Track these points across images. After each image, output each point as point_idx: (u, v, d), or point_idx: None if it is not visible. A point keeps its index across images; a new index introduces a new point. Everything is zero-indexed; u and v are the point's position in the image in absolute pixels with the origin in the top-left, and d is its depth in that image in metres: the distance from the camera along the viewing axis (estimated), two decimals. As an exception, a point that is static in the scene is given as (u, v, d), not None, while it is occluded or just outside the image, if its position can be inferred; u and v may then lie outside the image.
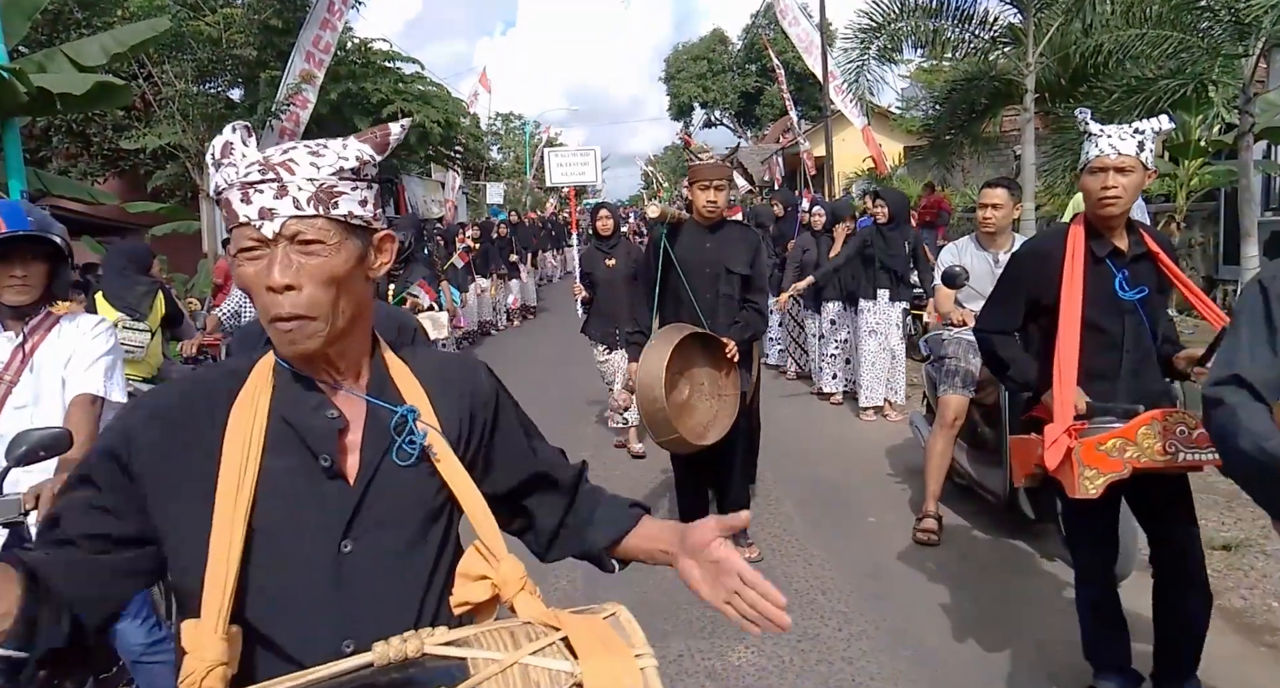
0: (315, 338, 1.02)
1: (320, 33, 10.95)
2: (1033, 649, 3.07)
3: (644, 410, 3.40)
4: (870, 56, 8.97)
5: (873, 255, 6.28)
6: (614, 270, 5.66)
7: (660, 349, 3.37)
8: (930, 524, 4.12)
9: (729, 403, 3.68)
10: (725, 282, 3.72)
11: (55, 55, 6.70)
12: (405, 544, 1.08)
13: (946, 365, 4.24)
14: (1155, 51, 6.77)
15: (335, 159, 1.03)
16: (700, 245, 3.73)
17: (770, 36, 24.16)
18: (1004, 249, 4.09)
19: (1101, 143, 2.38)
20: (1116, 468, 2.27)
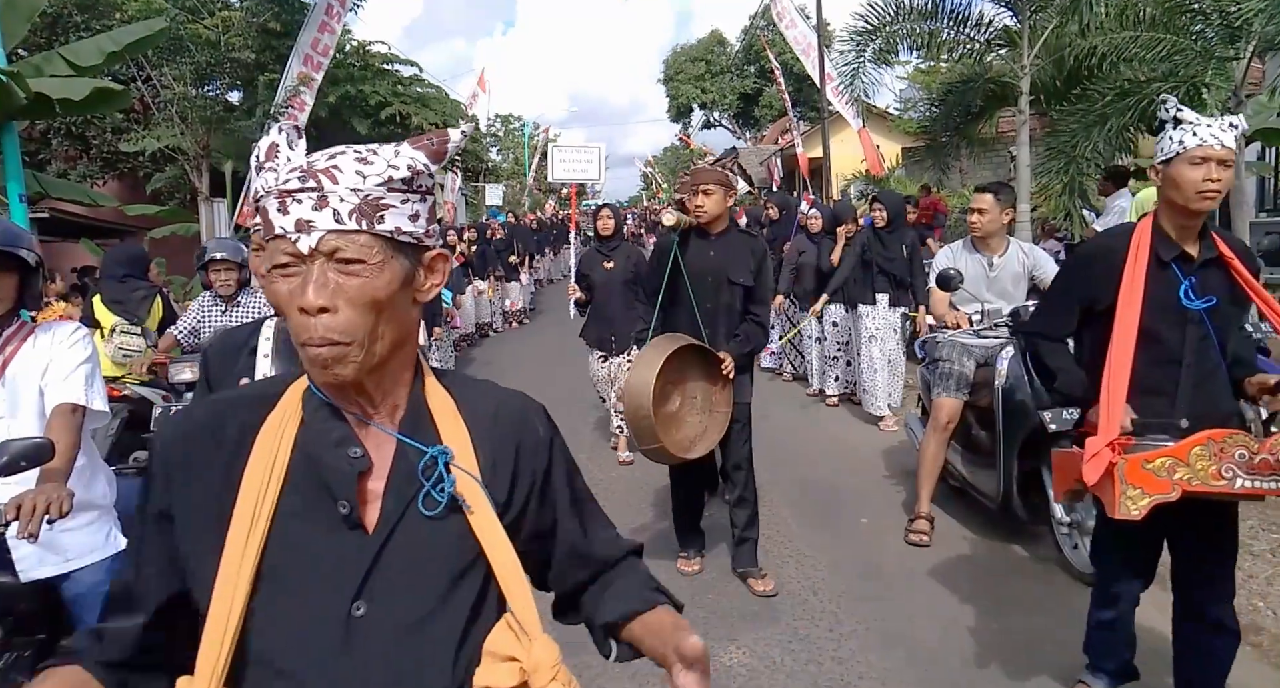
0: (349, 365, 0.91)
1: (318, 35, 10.97)
2: (1023, 650, 3.10)
3: (630, 417, 3.36)
4: (866, 59, 8.99)
5: (870, 259, 6.21)
6: (612, 273, 5.51)
7: (653, 357, 3.33)
8: (922, 526, 4.14)
9: (719, 419, 3.63)
10: (727, 291, 3.63)
11: (53, 58, 6.71)
12: (427, 610, 0.94)
13: (940, 368, 4.23)
14: (1149, 54, 6.79)
15: (384, 168, 0.92)
16: (704, 253, 3.66)
17: (769, 38, 24.20)
18: (998, 253, 4.11)
19: (1202, 132, 2.18)
20: (1164, 489, 2.06)
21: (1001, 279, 4.09)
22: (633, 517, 4.74)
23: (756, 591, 3.63)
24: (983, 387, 4.10)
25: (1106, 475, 2.10)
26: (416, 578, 0.94)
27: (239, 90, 12.13)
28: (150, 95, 10.03)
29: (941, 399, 4.18)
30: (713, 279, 3.63)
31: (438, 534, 0.96)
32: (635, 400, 3.30)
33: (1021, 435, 3.75)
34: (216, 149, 10.53)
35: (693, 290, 3.61)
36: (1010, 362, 3.90)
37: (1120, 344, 2.21)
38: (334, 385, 0.95)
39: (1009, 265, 4.09)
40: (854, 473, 5.32)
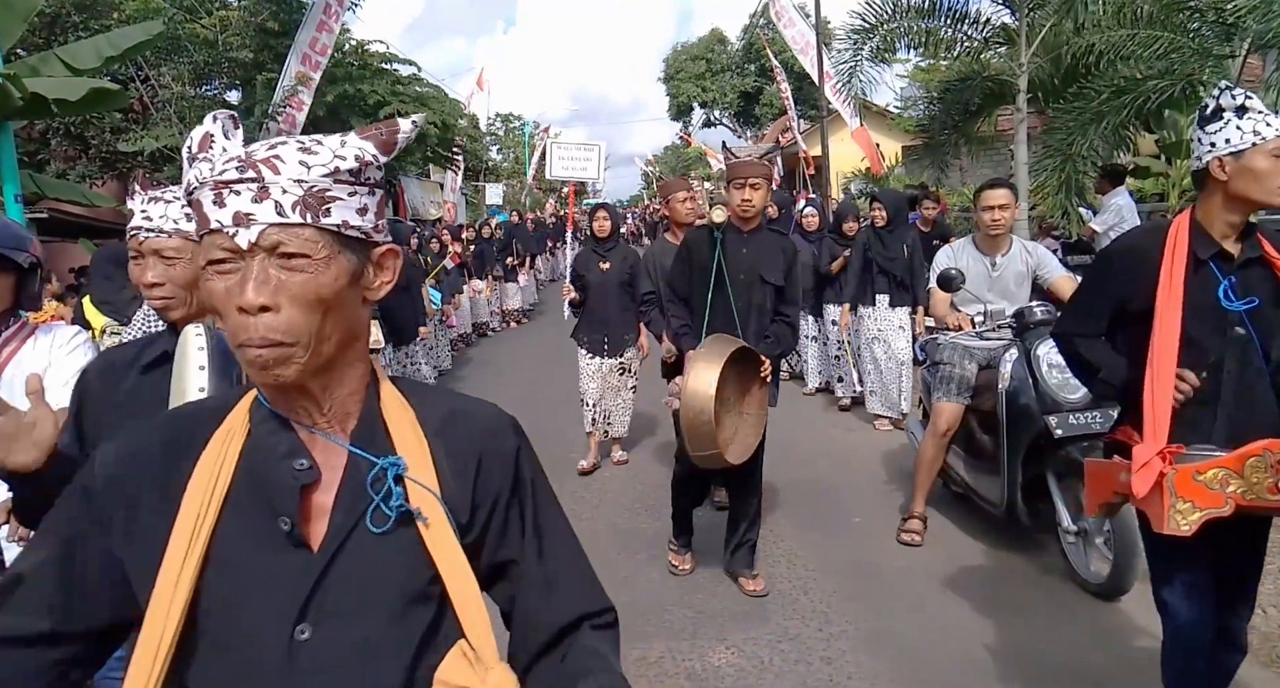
0: (292, 366, 0.85)
1: (316, 35, 10.97)
2: (1014, 650, 3.10)
3: (687, 420, 3.20)
4: (863, 57, 8.98)
5: (871, 259, 6.15)
6: (607, 274, 5.42)
7: (713, 358, 3.21)
8: (915, 525, 4.13)
9: (750, 423, 3.50)
10: (759, 291, 3.55)
11: (49, 58, 6.71)
12: (377, 633, 0.88)
13: (941, 371, 4.13)
14: (1146, 52, 6.78)
15: (330, 158, 0.87)
16: (737, 251, 3.55)
17: (769, 36, 24.17)
18: (1001, 252, 3.99)
19: (1276, 123, 2.04)
20: (1216, 503, 1.93)
21: (1004, 279, 3.99)
22: (625, 516, 4.77)
23: (747, 590, 3.63)
24: (985, 390, 4.00)
25: (1155, 488, 1.97)
26: (365, 600, 0.88)
27: (237, 90, 12.12)
28: (148, 95, 10.03)
29: (941, 404, 4.10)
30: (745, 278, 3.54)
31: (389, 553, 0.90)
32: (696, 402, 3.15)
33: (1026, 441, 3.66)
34: (215, 149, 10.52)
35: (728, 289, 3.53)
36: (1014, 364, 3.77)
37: (1163, 348, 2.07)
38: (277, 389, 0.89)
39: (1012, 265, 3.99)
40: (849, 473, 5.31)
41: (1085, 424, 3.45)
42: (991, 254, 4.00)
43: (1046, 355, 3.60)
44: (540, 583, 1.01)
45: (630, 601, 3.66)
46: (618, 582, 3.87)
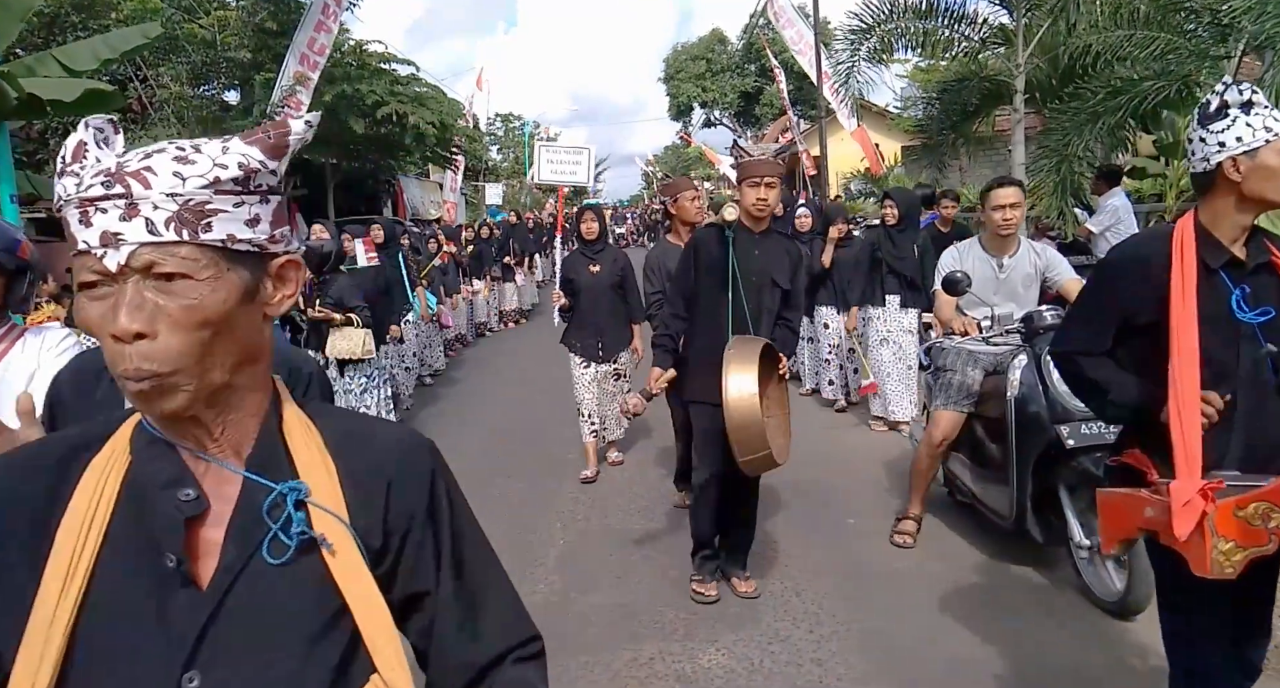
0: (178, 396, 0.79)
1: (315, 35, 10.97)
2: (1004, 652, 3.10)
3: (734, 424, 3.09)
4: (860, 58, 8.98)
5: (880, 259, 5.94)
6: (598, 277, 5.26)
7: (746, 359, 3.14)
8: (908, 526, 4.12)
9: (779, 422, 3.42)
10: (769, 294, 3.49)
11: (46, 59, 6.72)
12: (278, 676, 0.80)
13: (943, 377, 3.97)
14: (1143, 52, 6.78)
15: (210, 167, 0.80)
16: (749, 252, 3.46)
17: (769, 36, 24.17)
18: (1008, 253, 3.84)
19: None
20: (1259, 541, 1.74)
21: (1012, 281, 3.84)
22: (619, 516, 4.77)
23: (739, 592, 3.63)
24: (991, 397, 3.84)
25: (1196, 528, 1.77)
26: (264, 640, 0.80)
27: (235, 90, 12.14)
28: (147, 95, 10.05)
29: (939, 411, 3.95)
30: (757, 280, 3.45)
31: (290, 587, 0.82)
32: (743, 405, 3.07)
33: (1036, 451, 3.48)
34: (213, 149, 10.55)
35: (731, 293, 3.42)
36: (1023, 371, 3.58)
37: (1184, 368, 1.89)
38: (164, 419, 0.82)
39: (1020, 266, 3.83)
40: (842, 474, 5.31)
41: (1098, 434, 3.26)
42: (999, 255, 3.84)
43: None
44: (458, 617, 0.93)
45: (621, 601, 3.67)
46: (610, 582, 3.88)
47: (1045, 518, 3.57)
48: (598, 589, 3.81)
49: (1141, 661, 2.98)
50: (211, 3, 11.35)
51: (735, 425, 3.09)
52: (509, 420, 7.17)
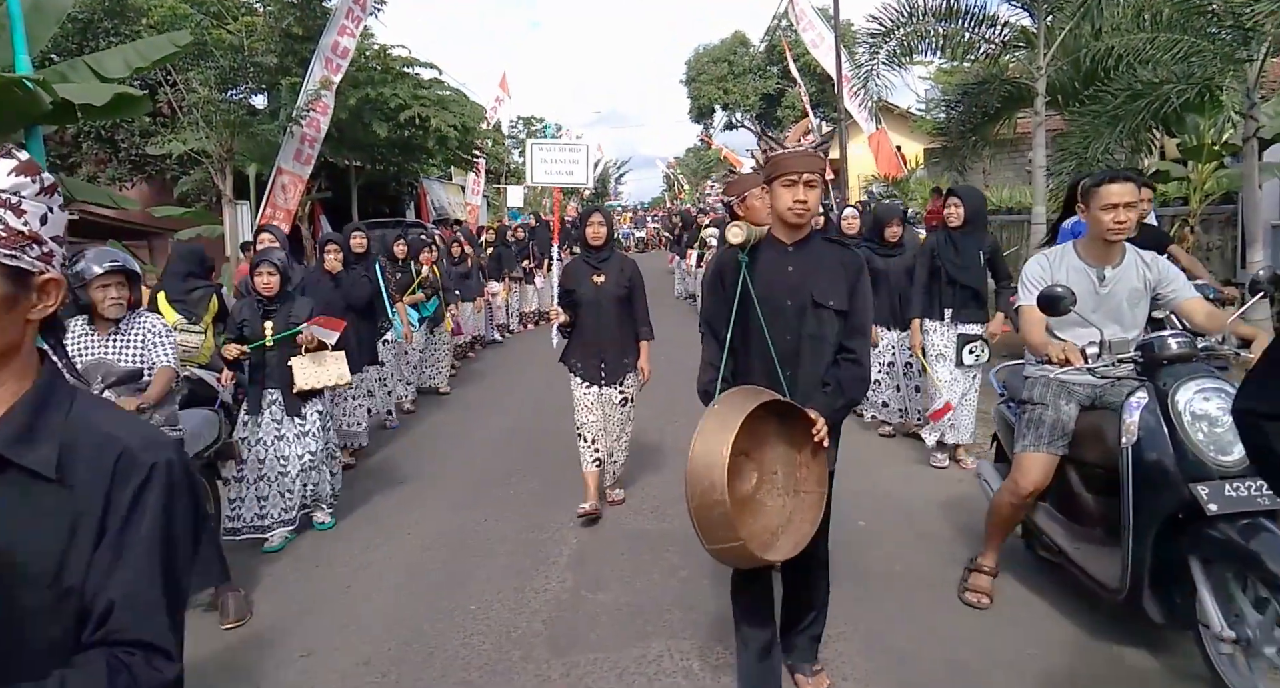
0: None
1: (338, 38, 11.14)
2: (1009, 655, 3.10)
3: (694, 504, 2.33)
4: (880, 61, 8.97)
5: (940, 267, 5.25)
6: (602, 289, 4.63)
7: (725, 420, 2.33)
8: (982, 583, 3.48)
9: (810, 503, 2.59)
10: (812, 319, 2.68)
11: (78, 65, 6.91)
12: None
13: (1031, 413, 3.28)
14: (1165, 55, 6.72)
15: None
16: (779, 269, 2.71)
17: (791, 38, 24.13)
18: (1113, 263, 3.15)
19: None
20: None
21: (1115, 297, 3.15)
22: (630, 517, 4.81)
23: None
24: (1089, 438, 3.18)
25: None
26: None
27: (262, 94, 12.33)
28: (176, 99, 10.24)
29: (1029, 455, 3.23)
30: (792, 303, 2.69)
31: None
32: (702, 479, 2.29)
33: (1162, 513, 2.80)
34: (240, 152, 10.74)
35: (765, 320, 2.64)
36: (1142, 412, 2.89)
37: None
38: None
39: (1124, 279, 3.15)
40: (851, 477, 5.29)
41: (1248, 497, 2.64)
42: (1099, 265, 3.15)
43: (1190, 403, 2.78)
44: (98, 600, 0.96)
45: (630, 600, 3.72)
46: (620, 581, 3.92)
47: (1167, 595, 2.86)
48: (608, 588, 3.86)
49: (1151, 667, 2.98)
50: (239, 8, 11.55)
51: (693, 505, 2.33)
52: (525, 420, 7.24)
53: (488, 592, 3.86)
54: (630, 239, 32.63)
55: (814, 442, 2.52)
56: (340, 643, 3.44)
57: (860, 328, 2.74)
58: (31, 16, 6.21)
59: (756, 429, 2.45)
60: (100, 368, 3.39)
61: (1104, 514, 3.13)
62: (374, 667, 3.24)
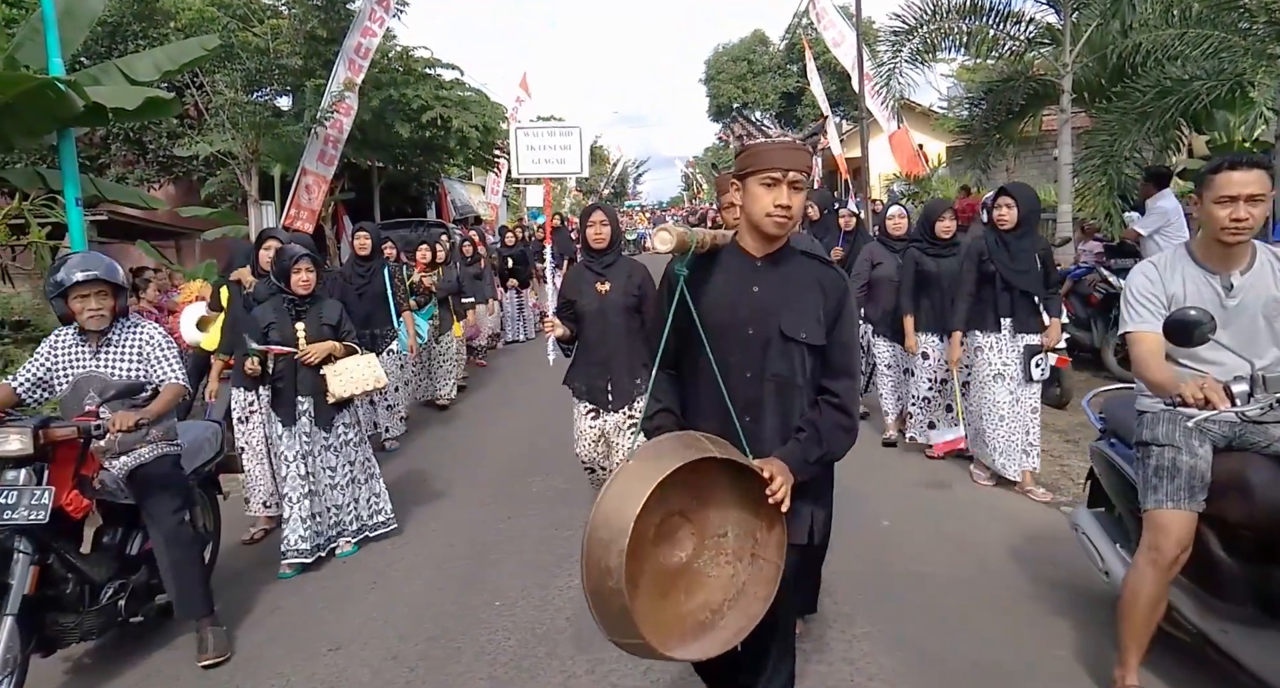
0: None
1: (360, 40, 11.26)
2: (1037, 655, 3.08)
3: (587, 586, 1.78)
4: (903, 59, 8.93)
5: (992, 273, 4.71)
6: (607, 299, 4.03)
7: (639, 479, 1.76)
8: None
9: (764, 574, 1.99)
10: (779, 356, 2.11)
11: (110, 69, 7.03)
12: None
13: (1159, 458, 2.56)
14: (1195, 51, 6.64)
15: None
16: (742, 288, 2.13)
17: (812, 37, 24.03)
18: (1241, 268, 2.52)
19: None
20: None
21: (1247, 311, 2.51)
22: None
23: None
24: (1232, 489, 2.49)
25: None
26: None
27: (287, 96, 12.49)
28: (203, 101, 10.39)
29: (1167, 512, 2.50)
30: (755, 333, 2.10)
31: None
32: (600, 559, 1.73)
33: None
34: (265, 153, 10.87)
35: (721, 353, 2.07)
36: None
37: None
38: None
39: (1258, 287, 2.51)
40: (876, 477, 5.27)
41: None
42: (1224, 271, 2.52)
43: None
44: None
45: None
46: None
47: None
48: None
49: (1182, 669, 2.95)
50: (265, 11, 11.70)
51: (587, 581, 1.79)
52: (546, 419, 7.26)
53: (511, 589, 3.88)
54: (649, 240, 32.39)
55: (765, 505, 1.91)
56: (368, 638, 3.48)
57: (845, 368, 2.16)
58: (64, 21, 6.33)
59: (699, 483, 1.90)
60: (93, 382, 3.23)
61: (1259, 587, 2.47)
62: (401, 661, 3.28)
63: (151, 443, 3.44)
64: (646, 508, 1.72)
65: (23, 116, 6.03)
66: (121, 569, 3.31)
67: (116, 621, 3.21)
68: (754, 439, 2.08)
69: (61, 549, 3.03)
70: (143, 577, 3.37)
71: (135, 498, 3.35)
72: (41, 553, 2.92)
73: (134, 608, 3.30)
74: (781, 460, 2.01)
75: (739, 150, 2.14)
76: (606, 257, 4.14)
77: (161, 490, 3.37)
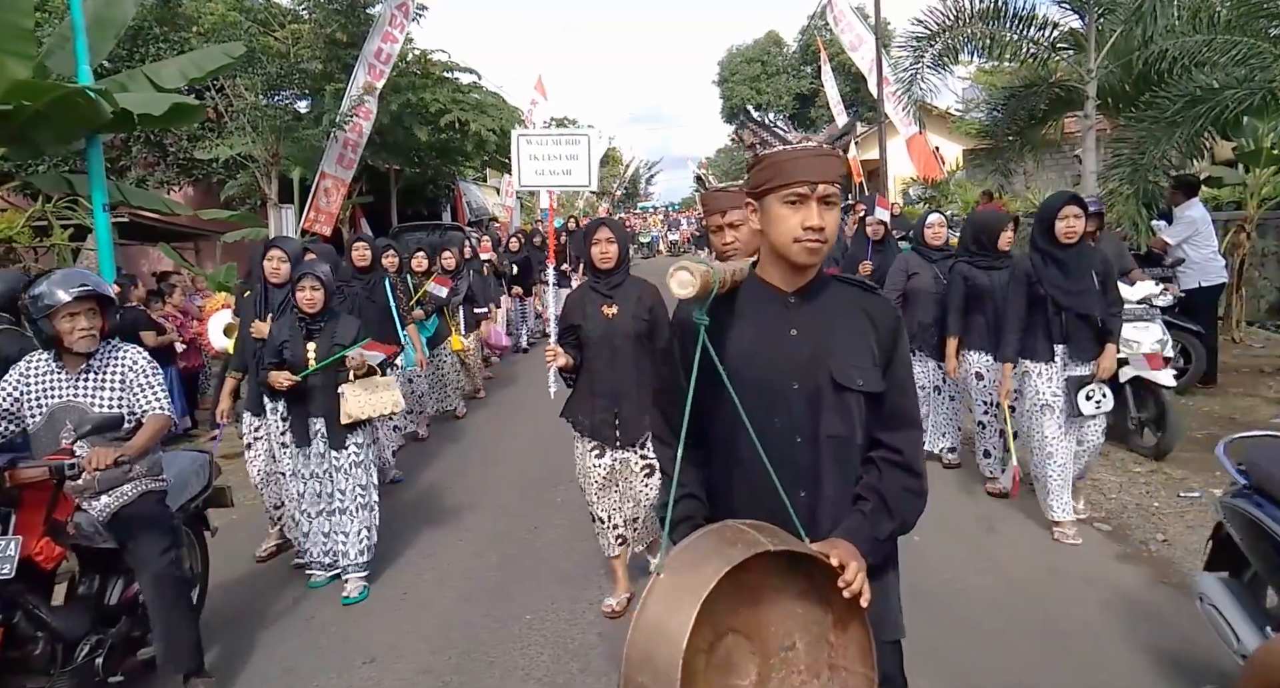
0: None
1: (381, 45, 11.31)
2: (1077, 680, 3.06)
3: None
4: (925, 64, 8.88)
5: (1042, 296, 4.21)
6: (614, 324, 3.58)
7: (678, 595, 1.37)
8: None
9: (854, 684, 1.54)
10: (834, 409, 1.70)
11: (137, 75, 7.09)
12: None
13: None
14: (1223, 58, 6.57)
15: None
16: (776, 332, 1.73)
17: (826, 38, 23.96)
18: None
19: None
20: None
21: None
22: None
23: None
24: None
25: None
26: None
27: (307, 99, 12.56)
28: (224, 105, 10.46)
29: None
30: (801, 386, 1.70)
31: None
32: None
33: None
34: (285, 157, 10.94)
35: (754, 418, 1.63)
36: None
37: None
38: None
39: None
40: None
41: None
42: None
43: None
44: None
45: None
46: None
47: None
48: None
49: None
50: (286, 16, 11.77)
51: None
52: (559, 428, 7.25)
53: (540, 602, 3.88)
54: (661, 243, 32.05)
55: (847, 600, 1.49)
56: (402, 650, 3.49)
57: (906, 417, 1.75)
58: (93, 29, 6.40)
59: (749, 584, 1.47)
60: (71, 413, 2.92)
61: None
62: (436, 675, 3.28)
63: (134, 479, 3.10)
64: (693, 638, 1.33)
65: (53, 123, 6.09)
66: (99, 622, 2.95)
67: (94, 681, 2.84)
68: (810, 519, 1.67)
69: (29, 605, 2.65)
70: (123, 629, 3.03)
71: (117, 541, 3.00)
72: (6, 611, 2.55)
73: (113, 666, 2.93)
74: (847, 540, 1.60)
75: (752, 162, 1.76)
76: (613, 277, 3.68)
77: (147, 531, 3.04)
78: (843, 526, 1.68)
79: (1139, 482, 5.04)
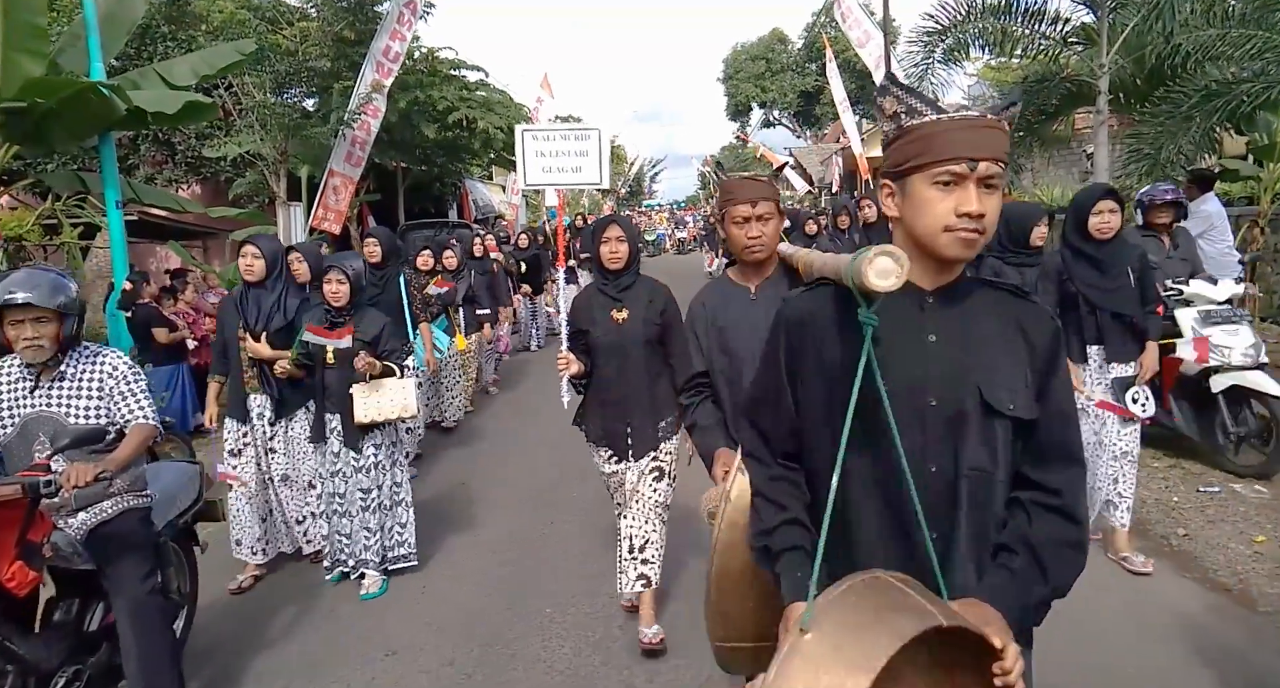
0: None
1: (390, 43, 11.29)
2: (1078, 655, 3.05)
3: None
4: (935, 60, 8.85)
5: (1074, 293, 3.95)
6: (626, 328, 3.38)
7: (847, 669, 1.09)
8: None
9: None
10: (979, 435, 1.42)
11: (149, 73, 7.09)
12: None
13: None
14: (1237, 52, 6.54)
15: None
16: (911, 339, 1.44)
17: (832, 35, 23.92)
18: None
19: None
20: None
21: None
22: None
23: None
24: None
25: None
26: None
27: (315, 97, 12.55)
28: (232, 103, 10.46)
29: None
30: (940, 403, 1.41)
31: None
32: None
33: None
34: (293, 154, 10.94)
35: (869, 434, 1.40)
36: None
37: None
38: None
39: None
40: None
41: None
42: None
43: None
44: None
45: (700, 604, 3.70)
46: (690, 586, 3.91)
47: None
48: (679, 593, 3.85)
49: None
50: (294, 14, 11.76)
51: None
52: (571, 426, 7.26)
53: (561, 595, 3.88)
54: (668, 241, 31.99)
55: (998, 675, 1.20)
56: (423, 643, 3.49)
57: (1067, 452, 1.45)
58: (105, 26, 6.39)
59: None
60: (45, 425, 2.70)
61: None
62: (459, 668, 3.28)
63: (115, 495, 2.85)
64: None
65: (65, 120, 6.09)
66: (77, 650, 2.76)
67: None
68: (944, 563, 1.38)
69: (1, 635, 2.48)
70: (103, 657, 2.84)
71: (95, 562, 2.79)
72: None
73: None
74: (992, 606, 1.32)
75: (894, 134, 1.45)
76: (623, 278, 3.47)
77: (126, 554, 2.81)
78: (985, 583, 1.38)
79: (1157, 477, 5.02)
